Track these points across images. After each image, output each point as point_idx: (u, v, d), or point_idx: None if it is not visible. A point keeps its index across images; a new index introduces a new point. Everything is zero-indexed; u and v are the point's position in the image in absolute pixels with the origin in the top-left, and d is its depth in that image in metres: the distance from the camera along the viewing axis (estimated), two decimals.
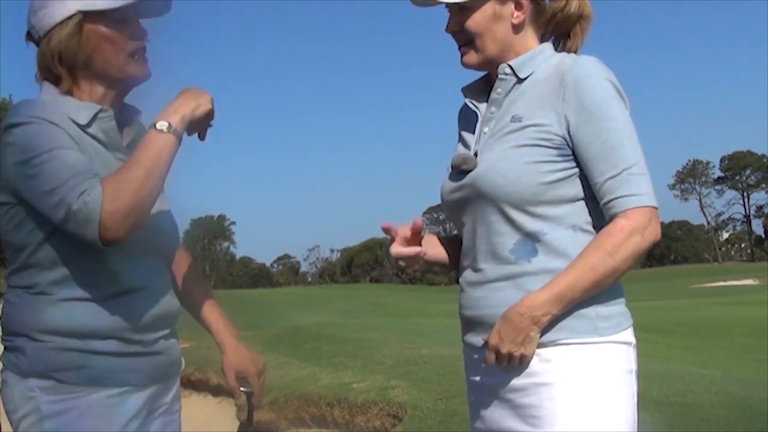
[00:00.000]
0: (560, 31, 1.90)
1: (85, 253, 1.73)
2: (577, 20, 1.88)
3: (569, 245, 1.73)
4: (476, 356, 1.82)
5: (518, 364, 1.70)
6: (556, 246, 1.73)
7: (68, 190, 1.63)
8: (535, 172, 1.71)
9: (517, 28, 1.83)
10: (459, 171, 1.83)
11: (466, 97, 1.91)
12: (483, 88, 1.91)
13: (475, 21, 1.80)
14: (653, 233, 1.68)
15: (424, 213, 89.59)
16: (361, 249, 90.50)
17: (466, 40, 1.83)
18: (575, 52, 1.88)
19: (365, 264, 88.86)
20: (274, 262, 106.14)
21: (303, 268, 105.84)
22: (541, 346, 1.70)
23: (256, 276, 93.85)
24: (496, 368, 1.76)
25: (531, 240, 1.73)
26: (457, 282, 1.91)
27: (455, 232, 2.00)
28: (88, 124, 1.80)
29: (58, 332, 1.75)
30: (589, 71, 1.73)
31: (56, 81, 1.84)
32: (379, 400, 5.87)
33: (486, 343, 1.73)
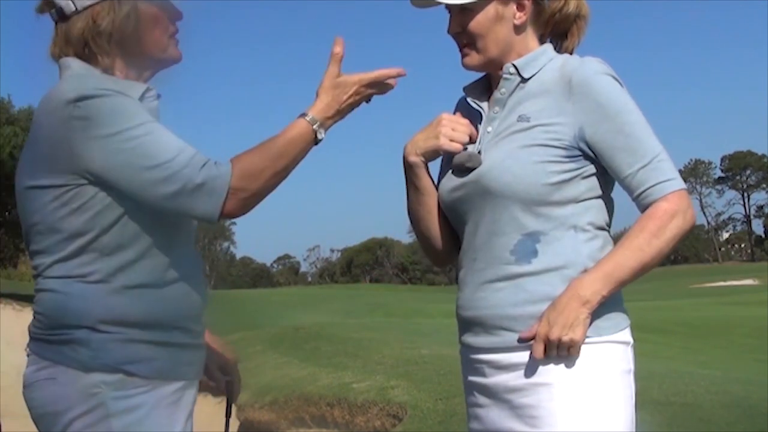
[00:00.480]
0: (557, 31, 1.90)
1: (152, 237, 1.68)
2: (574, 20, 1.88)
3: (570, 246, 1.73)
4: (473, 356, 1.82)
5: (567, 352, 1.66)
6: (556, 246, 1.73)
7: (182, 165, 1.60)
8: (543, 172, 1.72)
9: (518, 29, 1.83)
10: (462, 169, 1.82)
11: (468, 95, 1.91)
12: (484, 87, 1.91)
13: (478, 22, 1.80)
14: (693, 215, 1.71)
15: None
16: (361, 249, 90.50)
17: (467, 42, 1.83)
18: (572, 52, 1.89)
19: (365, 264, 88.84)
20: (274, 262, 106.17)
21: (303, 268, 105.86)
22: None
23: (256, 276, 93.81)
24: (493, 369, 1.76)
25: (532, 240, 1.73)
26: (457, 282, 1.91)
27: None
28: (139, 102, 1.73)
29: (125, 323, 1.65)
30: (596, 70, 1.74)
31: (89, 58, 1.75)
32: (379, 400, 5.87)
33: (522, 340, 1.70)
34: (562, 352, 1.66)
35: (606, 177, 1.77)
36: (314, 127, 1.75)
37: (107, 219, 1.65)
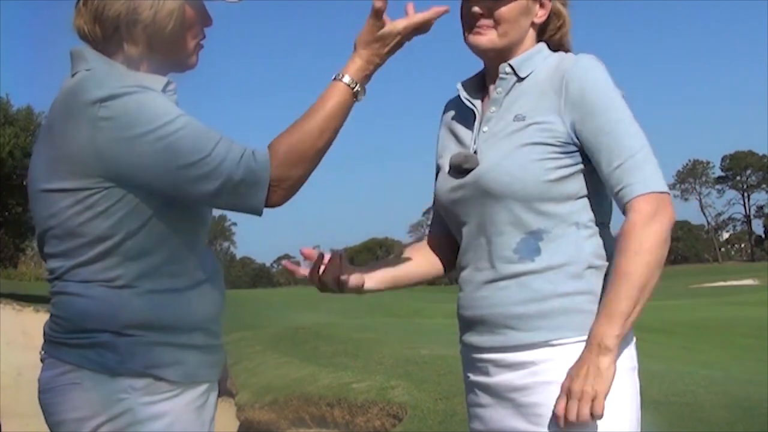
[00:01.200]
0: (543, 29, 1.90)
1: (179, 239, 1.65)
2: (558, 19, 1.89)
3: (572, 242, 1.73)
4: (476, 356, 1.81)
5: (592, 405, 1.60)
6: (559, 244, 1.73)
7: (220, 159, 1.55)
8: (541, 169, 1.72)
9: (534, 27, 1.85)
10: (460, 170, 1.82)
11: (464, 91, 1.90)
12: (478, 85, 1.91)
13: (510, 9, 1.79)
14: (667, 215, 1.67)
15: (424, 212, 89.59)
16: (361, 249, 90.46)
17: (488, 23, 1.80)
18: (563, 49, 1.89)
19: (365, 264, 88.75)
20: (274, 262, 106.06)
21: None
22: (545, 345, 1.70)
23: (256, 276, 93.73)
24: (497, 367, 1.75)
25: (535, 239, 1.73)
26: (457, 281, 1.90)
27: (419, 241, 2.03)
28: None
29: (150, 326, 1.61)
30: (588, 67, 1.75)
31: (111, 43, 1.68)
32: (379, 400, 5.87)
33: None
34: (585, 407, 1.61)
35: None
36: (355, 89, 1.68)
37: (133, 223, 1.60)
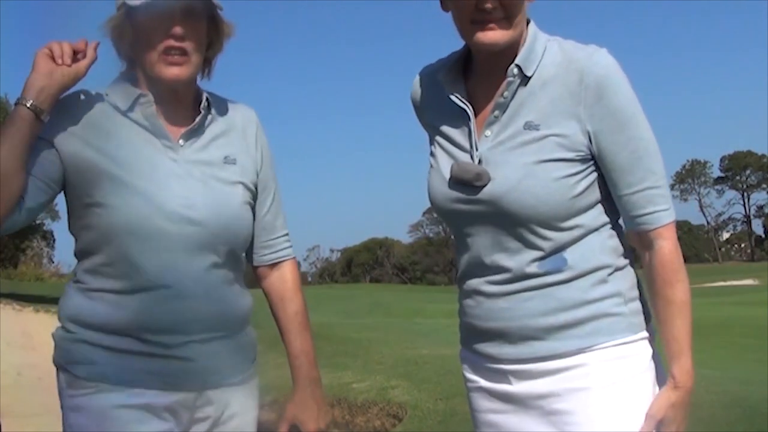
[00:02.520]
0: None
1: (107, 245, 1.71)
2: None
3: (596, 248, 1.69)
4: (494, 366, 1.75)
5: None
6: (583, 251, 1.68)
7: None
8: (566, 187, 1.64)
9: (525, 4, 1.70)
10: (469, 186, 1.69)
11: (445, 88, 1.75)
12: (457, 72, 1.77)
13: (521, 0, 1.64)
14: (679, 246, 1.72)
15: (424, 213, 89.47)
16: (361, 249, 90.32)
17: (500, 17, 1.64)
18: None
19: (365, 264, 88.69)
20: None
21: (303, 268, 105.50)
22: (578, 352, 1.67)
23: None
24: (519, 378, 1.71)
25: (560, 251, 1.67)
26: (461, 287, 1.82)
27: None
28: (130, 109, 1.78)
29: (82, 323, 1.74)
30: (608, 71, 1.64)
31: (123, 64, 1.87)
32: (379, 400, 5.87)
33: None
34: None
35: None
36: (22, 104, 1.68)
37: (76, 226, 1.78)
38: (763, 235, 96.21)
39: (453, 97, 1.74)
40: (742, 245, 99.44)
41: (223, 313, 1.80)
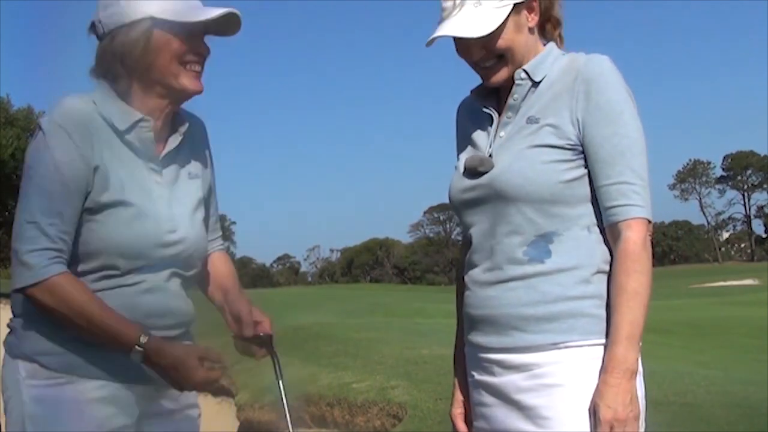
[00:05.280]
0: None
1: (95, 258, 1.77)
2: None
3: (584, 246, 1.74)
4: (482, 355, 1.82)
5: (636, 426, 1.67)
6: (570, 246, 1.73)
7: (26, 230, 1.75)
8: (553, 171, 1.73)
9: (532, 31, 1.83)
10: (474, 172, 1.82)
11: (477, 100, 1.91)
12: (491, 90, 1.90)
13: (504, 40, 1.78)
14: (649, 241, 1.73)
15: (425, 212, 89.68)
16: (361, 249, 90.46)
17: (493, 60, 1.81)
18: (560, 37, 1.90)
19: (365, 264, 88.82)
20: (274, 262, 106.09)
21: (303, 268, 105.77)
22: (552, 347, 1.71)
23: (256, 276, 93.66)
24: (502, 368, 1.76)
25: (545, 241, 1.74)
26: (463, 280, 1.89)
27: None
28: (127, 131, 1.80)
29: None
30: (602, 70, 1.75)
31: (113, 80, 1.82)
32: (379, 400, 5.88)
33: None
34: (631, 427, 1.66)
35: None
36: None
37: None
38: (764, 235, 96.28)
39: (482, 107, 1.88)
40: (743, 245, 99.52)
41: (182, 312, 1.90)
